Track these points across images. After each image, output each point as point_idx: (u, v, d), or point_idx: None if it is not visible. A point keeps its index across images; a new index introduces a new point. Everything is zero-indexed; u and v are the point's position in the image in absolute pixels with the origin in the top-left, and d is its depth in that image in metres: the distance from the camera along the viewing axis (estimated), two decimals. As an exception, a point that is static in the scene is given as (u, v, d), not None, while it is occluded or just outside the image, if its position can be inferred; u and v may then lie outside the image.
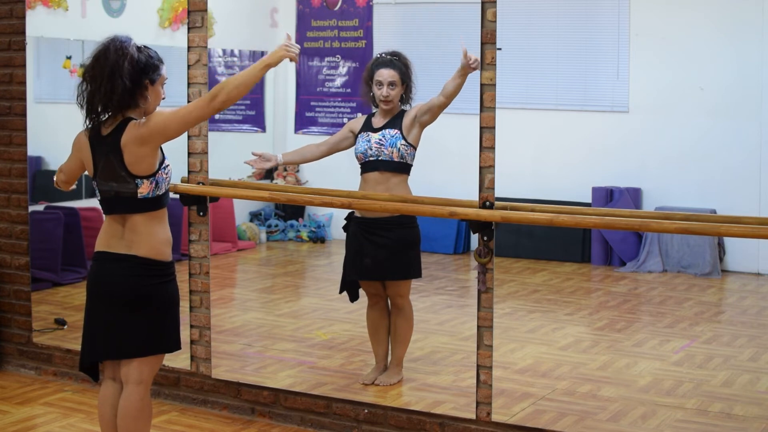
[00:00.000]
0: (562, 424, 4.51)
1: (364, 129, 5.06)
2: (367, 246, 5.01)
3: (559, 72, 8.84)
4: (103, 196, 3.65)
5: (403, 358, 5.14)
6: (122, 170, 3.56)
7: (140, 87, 3.58)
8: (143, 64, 3.59)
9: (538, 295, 7.47)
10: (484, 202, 4.28)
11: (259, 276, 8.65)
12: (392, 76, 4.99)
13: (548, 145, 8.89)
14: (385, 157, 4.95)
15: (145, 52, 3.63)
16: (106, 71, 3.53)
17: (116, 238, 3.63)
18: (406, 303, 5.10)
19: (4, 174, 5.57)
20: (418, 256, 5.12)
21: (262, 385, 4.92)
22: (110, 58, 3.53)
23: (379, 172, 4.97)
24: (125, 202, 3.59)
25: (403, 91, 5.03)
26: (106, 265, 3.64)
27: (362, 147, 5.00)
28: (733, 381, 5.23)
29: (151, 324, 3.64)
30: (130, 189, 3.57)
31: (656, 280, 7.96)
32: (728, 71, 8.09)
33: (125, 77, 3.52)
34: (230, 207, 8.80)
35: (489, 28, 4.23)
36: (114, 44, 3.56)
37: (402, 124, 4.98)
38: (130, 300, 3.60)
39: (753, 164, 7.91)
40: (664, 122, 8.37)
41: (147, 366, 3.69)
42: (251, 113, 9.68)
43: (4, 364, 5.64)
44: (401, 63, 5.04)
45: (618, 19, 8.56)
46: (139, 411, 3.69)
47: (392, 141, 4.94)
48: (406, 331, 5.12)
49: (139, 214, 3.60)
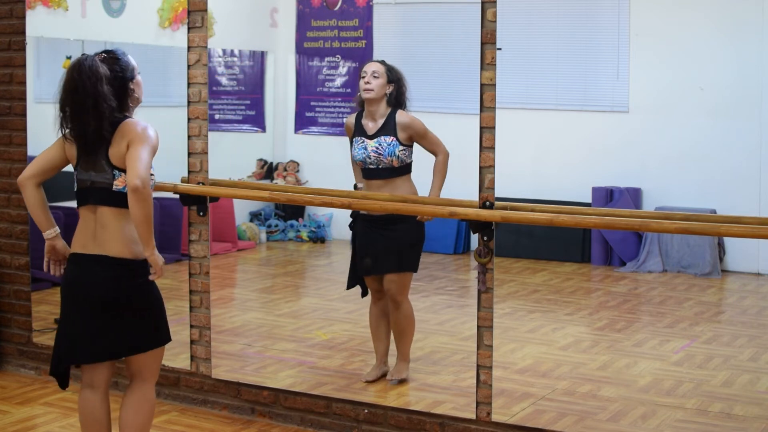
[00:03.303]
0: (562, 424, 4.51)
1: (357, 133, 5.09)
2: (373, 242, 5.03)
3: (559, 72, 8.84)
4: (79, 186, 3.64)
5: (409, 352, 5.15)
6: (103, 158, 3.56)
7: (126, 93, 3.59)
8: (120, 73, 3.58)
9: (538, 295, 7.47)
10: (484, 202, 4.28)
11: (259, 276, 8.65)
12: (376, 68, 5.05)
13: (548, 145, 8.89)
14: (385, 165, 4.98)
15: (109, 59, 3.59)
16: (88, 103, 3.50)
17: (89, 237, 3.61)
18: (404, 300, 5.10)
19: (4, 174, 5.57)
20: (418, 253, 5.15)
21: (262, 385, 4.92)
22: (88, 88, 3.50)
23: (382, 179, 5.00)
24: (99, 193, 3.58)
25: (389, 90, 5.05)
26: (82, 267, 3.63)
27: (359, 155, 5.03)
28: (733, 381, 5.23)
29: (136, 323, 3.63)
30: (106, 179, 3.57)
31: (656, 280, 7.96)
32: (728, 71, 8.09)
33: (109, 100, 3.52)
34: (230, 207, 8.80)
35: (489, 28, 4.23)
36: (84, 72, 3.50)
37: (396, 129, 4.99)
38: (108, 301, 3.58)
39: (753, 164, 7.91)
40: (664, 122, 8.37)
41: (151, 361, 3.72)
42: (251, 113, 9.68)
43: (4, 364, 5.64)
44: (389, 65, 5.11)
45: (618, 19, 8.56)
46: (151, 407, 3.78)
47: (390, 150, 4.97)
48: (405, 326, 5.12)
49: (109, 208, 3.58)
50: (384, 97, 5.06)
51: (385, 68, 5.07)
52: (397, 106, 5.07)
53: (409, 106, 5.13)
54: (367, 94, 5.04)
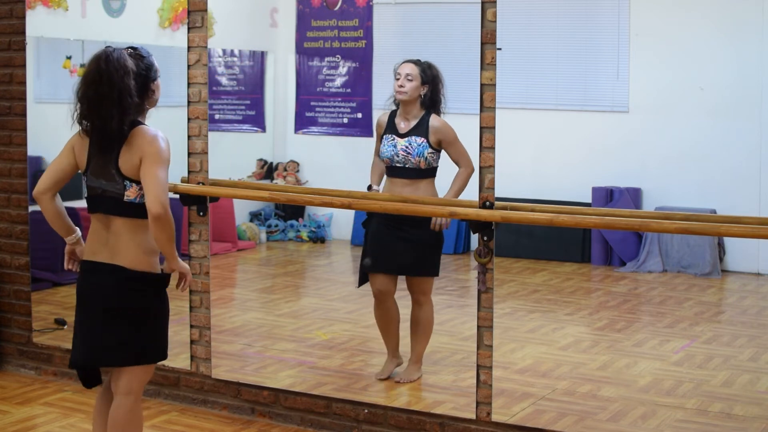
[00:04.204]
0: (562, 424, 4.51)
1: (388, 130, 5.09)
2: (394, 241, 5.04)
3: (559, 72, 8.84)
4: (90, 193, 3.59)
5: (422, 355, 5.16)
6: (113, 168, 3.50)
7: (146, 93, 3.55)
8: (144, 71, 3.53)
9: (538, 295, 7.47)
10: (484, 202, 4.28)
11: (259, 276, 8.65)
12: (410, 69, 5.04)
13: (548, 145, 8.89)
14: (412, 165, 4.99)
15: (136, 55, 3.54)
16: (113, 95, 3.43)
17: (101, 244, 3.57)
18: (428, 300, 5.15)
19: (4, 174, 5.57)
20: (438, 256, 5.17)
21: (262, 385, 4.92)
22: (115, 80, 3.42)
23: (408, 178, 5.00)
24: (110, 203, 3.53)
25: (423, 91, 5.04)
26: (94, 275, 3.59)
27: (388, 152, 5.03)
28: (733, 381, 5.23)
29: (135, 335, 3.58)
30: (117, 189, 3.51)
31: (656, 280, 7.96)
32: (728, 71, 8.09)
33: (134, 96, 3.46)
34: (230, 207, 8.80)
35: (489, 28, 4.23)
36: (112, 63, 3.43)
37: (428, 131, 5.00)
38: (114, 309, 3.54)
39: (753, 164, 7.91)
40: (664, 122, 8.36)
41: (135, 377, 3.64)
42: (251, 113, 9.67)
43: (4, 364, 5.64)
44: (426, 65, 5.09)
45: (618, 19, 8.56)
46: (128, 422, 3.64)
47: (419, 150, 4.98)
48: (426, 327, 5.16)
49: (122, 218, 3.53)
50: (418, 98, 5.06)
51: (420, 69, 5.05)
52: (431, 107, 5.07)
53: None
54: (401, 96, 5.04)
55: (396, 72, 5.09)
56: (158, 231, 3.44)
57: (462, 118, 5.35)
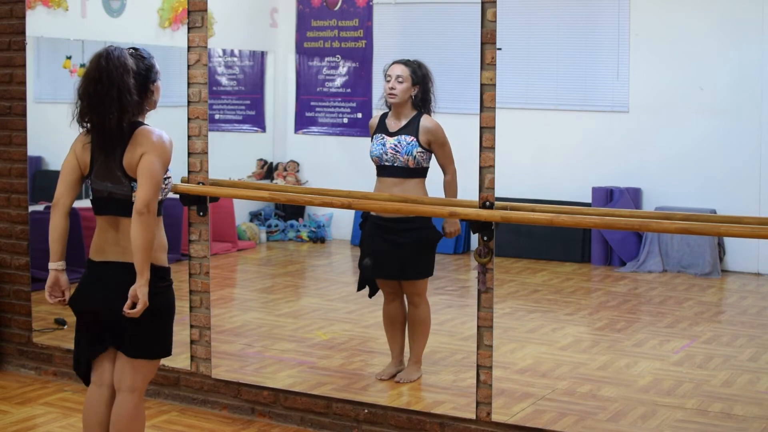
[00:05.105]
0: (562, 424, 4.51)
1: (379, 129, 5.09)
2: (384, 245, 5.03)
3: (559, 72, 8.84)
4: (96, 195, 3.58)
5: (422, 355, 5.16)
6: (118, 168, 3.50)
7: (145, 94, 3.55)
8: (144, 72, 3.54)
9: (538, 295, 7.47)
10: (484, 202, 4.28)
11: (259, 276, 8.65)
12: (401, 71, 5.03)
13: (548, 145, 8.89)
14: (401, 164, 4.98)
15: (137, 55, 3.55)
16: (113, 93, 3.43)
17: (110, 244, 3.55)
18: (423, 301, 5.14)
19: (4, 174, 5.57)
20: (434, 256, 5.16)
21: (262, 385, 4.92)
22: (114, 78, 3.43)
23: (396, 177, 4.99)
24: (119, 205, 3.52)
25: (414, 92, 5.04)
26: (99, 273, 3.57)
27: (377, 150, 5.03)
28: (733, 381, 5.23)
29: (144, 330, 3.56)
30: (124, 191, 3.51)
31: (656, 280, 7.96)
32: (728, 71, 8.09)
33: (133, 94, 3.46)
34: (230, 207, 8.80)
35: (489, 28, 4.23)
36: (113, 62, 3.44)
37: (419, 131, 4.99)
38: (121, 307, 3.48)
39: (753, 164, 7.91)
40: (664, 122, 8.37)
41: (140, 373, 3.63)
42: (251, 113, 9.68)
43: (4, 364, 5.64)
44: (416, 64, 5.07)
45: (618, 19, 8.56)
46: (132, 419, 3.63)
47: (408, 149, 4.97)
48: (422, 328, 5.15)
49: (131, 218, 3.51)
50: (409, 99, 5.05)
51: (410, 70, 5.03)
52: (423, 108, 5.07)
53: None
54: (392, 99, 5.04)
55: (386, 74, 5.07)
56: (137, 229, 3.40)
57: (462, 118, 5.35)
